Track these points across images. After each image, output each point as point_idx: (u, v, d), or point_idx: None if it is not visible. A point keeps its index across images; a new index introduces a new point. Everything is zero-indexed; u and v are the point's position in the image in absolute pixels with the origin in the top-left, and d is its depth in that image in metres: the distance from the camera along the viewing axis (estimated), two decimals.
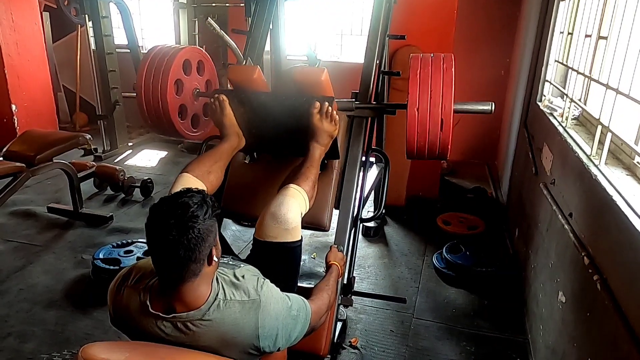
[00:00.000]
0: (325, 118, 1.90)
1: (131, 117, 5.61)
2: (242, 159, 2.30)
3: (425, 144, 1.89)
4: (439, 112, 1.82)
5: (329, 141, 1.96)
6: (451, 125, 1.83)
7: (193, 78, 2.36)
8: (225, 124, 2.04)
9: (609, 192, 1.47)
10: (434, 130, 1.84)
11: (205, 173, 1.83)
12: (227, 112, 2.03)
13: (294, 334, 1.37)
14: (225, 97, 2.03)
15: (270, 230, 1.64)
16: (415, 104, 1.84)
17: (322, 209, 2.10)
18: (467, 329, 2.47)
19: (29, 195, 3.97)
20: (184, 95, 2.30)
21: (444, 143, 1.88)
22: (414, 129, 1.86)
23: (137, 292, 1.28)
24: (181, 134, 2.35)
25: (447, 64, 1.86)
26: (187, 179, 1.76)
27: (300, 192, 1.74)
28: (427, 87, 1.83)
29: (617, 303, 1.33)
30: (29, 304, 2.58)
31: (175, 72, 2.21)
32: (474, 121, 4.89)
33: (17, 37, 4.94)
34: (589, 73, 2.14)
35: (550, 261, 2.09)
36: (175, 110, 2.25)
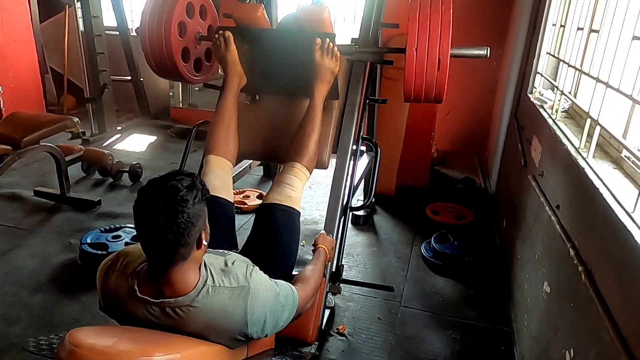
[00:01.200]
0: (327, 54, 1.98)
1: (120, 101, 5.54)
2: (244, 100, 2.32)
3: (422, 85, 1.93)
4: (437, 52, 1.86)
5: (330, 78, 2.04)
6: (448, 65, 1.87)
7: (196, 22, 2.37)
8: (229, 61, 2.13)
9: (596, 184, 1.49)
10: (431, 71, 1.89)
11: (225, 145, 2.01)
12: (232, 48, 2.11)
13: (281, 320, 1.38)
14: (230, 33, 2.09)
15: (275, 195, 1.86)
16: (414, 43, 1.87)
17: (322, 147, 2.16)
18: (454, 317, 2.50)
19: (15, 179, 3.91)
20: (186, 38, 2.31)
21: (440, 84, 1.92)
22: (412, 69, 1.90)
23: (125, 277, 1.28)
24: (184, 76, 2.37)
25: (445, 6, 1.90)
26: (214, 160, 1.97)
27: (304, 172, 1.94)
28: (425, 28, 1.87)
29: (600, 294, 1.35)
30: (15, 287, 2.56)
31: (178, 13, 2.22)
32: (465, 112, 4.92)
33: (2, 17, 4.83)
34: (580, 66, 2.15)
35: (537, 252, 2.12)
36: (178, 52, 2.27)
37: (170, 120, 5.65)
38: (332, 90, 2.11)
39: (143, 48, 2.27)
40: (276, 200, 1.84)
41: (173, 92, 5.64)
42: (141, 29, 2.24)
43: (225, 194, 1.90)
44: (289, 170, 1.93)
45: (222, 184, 1.92)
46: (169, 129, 5.38)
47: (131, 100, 5.63)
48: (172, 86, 5.61)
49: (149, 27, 2.21)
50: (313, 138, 1.98)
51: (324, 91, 2.05)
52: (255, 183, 4.14)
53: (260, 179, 4.22)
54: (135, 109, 5.76)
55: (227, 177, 1.98)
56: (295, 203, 1.87)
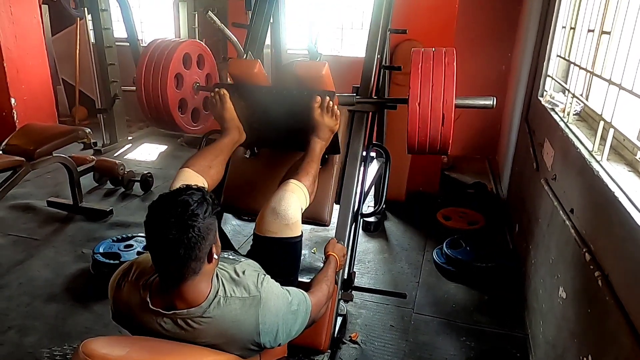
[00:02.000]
0: (326, 112, 1.89)
1: (131, 111, 5.59)
2: (243, 154, 2.29)
3: (426, 139, 1.88)
4: (441, 106, 1.81)
5: (329, 136, 1.95)
6: (452, 120, 1.82)
7: (193, 72, 2.34)
8: (225, 118, 2.03)
9: (611, 188, 1.47)
10: (435, 125, 1.83)
11: (206, 168, 1.81)
12: (228, 106, 2.02)
13: (294, 328, 1.37)
14: (225, 91, 2.02)
15: (270, 225, 1.64)
16: (416, 98, 1.83)
17: (323, 204, 2.10)
18: (467, 324, 2.47)
19: (29, 189, 3.96)
20: (184, 90, 2.29)
21: (445, 138, 1.87)
22: (415, 123, 1.85)
23: (137, 288, 1.27)
24: (181, 128, 2.34)
25: (449, 59, 1.85)
26: (187, 173, 1.75)
27: (301, 187, 1.74)
28: (428, 82, 1.82)
29: (618, 299, 1.33)
30: (29, 297, 2.58)
31: (175, 66, 2.19)
32: (474, 116, 4.88)
33: (16, 30, 4.91)
34: (592, 68, 2.13)
35: (551, 257, 2.09)
36: (175, 104, 2.24)
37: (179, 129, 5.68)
38: (332, 145, 2.03)
39: (139, 101, 2.23)
40: (272, 233, 1.64)
41: None
42: (137, 81, 2.21)
43: None
44: (284, 187, 1.73)
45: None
46: (179, 138, 5.42)
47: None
48: None
49: (145, 80, 2.18)
50: (312, 167, 1.84)
51: (323, 147, 1.96)
52: None
53: None
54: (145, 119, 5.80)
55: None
56: (295, 229, 1.67)
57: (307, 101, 1.90)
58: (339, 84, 2.20)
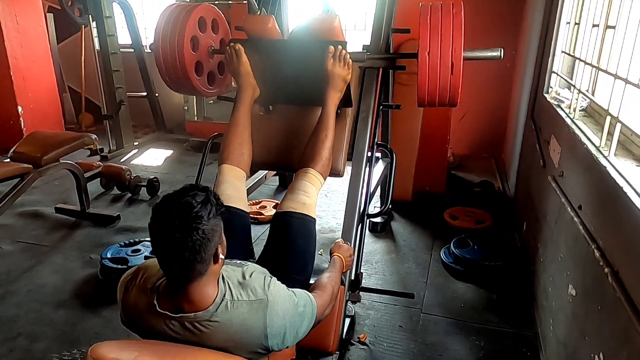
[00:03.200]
0: (339, 62, 1.98)
1: (136, 117, 5.63)
2: (258, 111, 2.33)
3: (436, 89, 1.92)
4: (450, 56, 1.84)
5: (343, 86, 2.04)
6: (461, 69, 1.85)
7: (208, 35, 2.40)
8: (241, 73, 2.13)
9: (619, 183, 1.45)
10: (444, 74, 1.87)
11: (239, 155, 2.00)
12: (244, 60, 2.12)
13: (301, 330, 1.37)
14: (241, 46, 2.11)
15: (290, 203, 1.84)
16: (426, 48, 1.86)
17: (337, 155, 2.16)
18: (477, 323, 2.46)
19: (37, 196, 3.99)
20: (199, 52, 2.35)
21: (454, 87, 1.90)
22: (425, 73, 1.88)
23: (144, 292, 1.28)
24: (198, 90, 2.40)
25: (457, 9, 1.89)
26: (228, 169, 1.96)
27: (318, 177, 1.92)
28: (437, 31, 1.86)
29: (629, 295, 1.31)
30: (38, 304, 2.59)
31: (191, 28, 2.25)
32: (480, 114, 4.87)
33: (21, 39, 4.96)
34: (597, 63, 2.11)
35: (560, 254, 2.07)
36: (192, 66, 2.30)
37: (185, 134, 5.72)
38: (345, 98, 2.11)
39: (157, 64, 2.31)
40: (290, 208, 1.82)
41: (188, 107, 5.72)
42: (154, 45, 2.28)
43: (240, 203, 1.89)
44: (303, 177, 1.91)
45: (236, 193, 1.91)
46: (184, 143, 5.44)
47: (147, 116, 5.72)
48: (186, 100, 5.68)
49: (162, 43, 2.25)
50: (326, 145, 1.97)
51: (337, 99, 2.05)
52: (271, 193, 4.15)
53: (276, 189, 4.23)
54: (151, 124, 5.85)
55: (241, 186, 1.98)
56: (310, 210, 1.85)
57: (320, 52, 1.98)
58: None
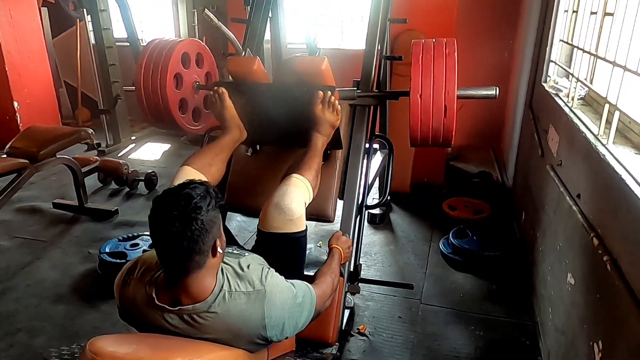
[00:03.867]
0: (327, 108, 1.88)
1: (133, 111, 5.58)
2: (245, 152, 2.28)
3: (429, 131, 1.85)
4: (442, 98, 1.78)
5: (331, 131, 1.94)
6: (455, 111, 1.79)
7: (192, 71, 2.33)
8: (225, 117, 2.02)
9: (618, 171, 1.45)
10: (437, 117, 1.81)
11: (207, 165, 1.82)
12: (227, 104, 2.01)
13: (300, 321, 1.37)
14: (224, 90, 2.01)
15: (274, 221, 1.63)
16: (417, 90, 1.80)
17: (326, 199, 2.09)
18: (476, 313, 2.46)
19: (34, 192, 3.97)
20: (183, 89, 2.27)
21: (448, 130, 1.84)
22: (417, 116, 1.82)
23: (143, 285, 1.27)
24: (182, 128, 2.33)
25: (450, 49, 1.82)
26: (187, 171, 1.76)
27: (303, 182, 1.73)
28: (429, 73, 1.79)
29: (627, 283, 1.31)
30: (37, 299, 2.59)
31: (174, 65, 2.18)
32: (478, 105, 4.82)
33: (16, 34, 4.91)
34: (595, 51, 2.10)
35: (558, 243, 2.07)
36: (175, 104, 2.23)
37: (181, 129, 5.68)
38: (334, 141, 2.02)
39: (139, 102, 2.22)
40: (277, 229, 1.64)
41: None
42: (136, 82, 2.19)
43: None
44: (286, 182, 1.72)
45: None
46: (182, 137, 5.42)
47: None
48: None
49: (144, 82, 2.17)
50: (315, 161, 1.84)
51: (325, 142, 1.95)
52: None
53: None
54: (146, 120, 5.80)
55: None
56: (299, 224, 1.66)
57: (308, 97, 1.89)
58: (341, 77, 2.18)
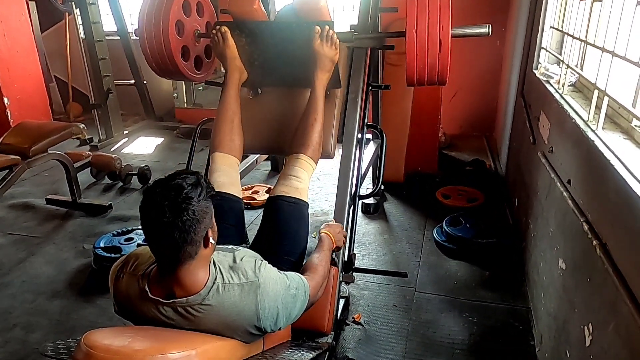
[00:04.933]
0: (326, 42, 1.95)
1: (125, 105, 5.57)
2: (246, 95, 2.32)
3: (424, 67, 1.89)
4: (437, 33, 1.81)
5: (330, 67, 2.01)
6: (449, 46, 1.83)
7: (193, 19, 2.35)
8: (227, 56, 2.11)
9: (607, 156, 1.46)
10: (433, 52, 1.85)
11: (230, 142, 1.99)
12: (230, 43, 2.09)
13: (294, 312, 1.38)
14: (227, 28, 2.07)
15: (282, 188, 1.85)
16: (413, 26, 1.83)
17: (327, 137, 2.15)
18: (469, 300, 2.49)
19: (27, 188, 3.96)
20: (185, 37, 2.30)
21: (443, 65, 1.88)
22: (414, 51, 1.85)
23: (135, 279, 1.28)
24: (185, 75, 2.35)
25: None
26: (221, 157, 1.96)
27: (309, 162, 1.91)
28: (424, 9, 1.83)
29: (616, 267, 1.33)
30: (32, 295, 2.59)
31: (175, 13, 2.20)
32: (471, 94, 4.86)
33: (4, 29, 4.86)
34: (585, 37, 2.10)
35: (550, 229, 2.09)
36: (178, 51, 2.25)
37: (175, 121, 5.68)
38: (334, 79, 2.09)
39: (142, 50, 2.26)
40: (283, 192, 1.83)
41: (177, 93, 5.66)
42: (139, 31, 2.23)
43: (233, 189, 1.89)
44: (294, 162, 1.91)
45: (229, 180, 1.91)
46: (175, 130, 5.40)
47: (136, 104, 5.66)
48: (175, 87, 5.62)
49: (147, 29, 2.20)
50: (316, 128, 1.96)
51: (325, 80, 2.03)
52: (263, 178, 4.14)
53: (268, 174, 4.22)
54: (140, 112, 5.79)
55: (234, 173, 1.97)
56: (303, 194, 1.85)
57: (307, 32, 1.95)
58: None
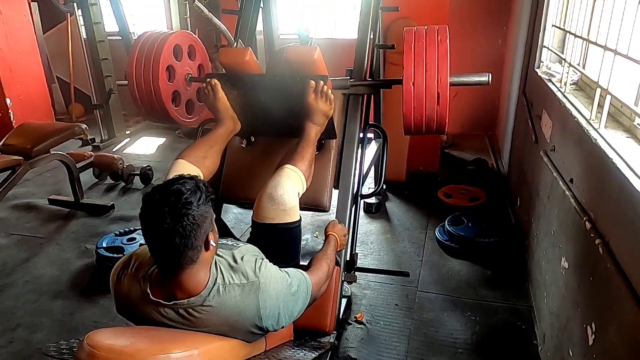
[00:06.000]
0: (320, 97, 1.86)
1: (127, 105, 5.55)
2: (239, 143, 2.28)
3: (422, 119, 1.86)
4: (435, 85, 1.77)
5: (324, 121, 1.93)
6: (448, 98, 1.79)
7: (185, 63, 2.32)
8: (218, 109, 2.01)
9: (609, 155, 1.45)
10: (430, 105, 1.81)
11: (201, 158, 1.80)
12: (220, 96, 1.99)
13: (296, 309, 1.38)
14: (217, 81, 1.99)
15: (267, 212, 1.63)
16: (410, 78, 1.80)
17: (322, 189, 2.09)
18: (472, 299, 2.48)
19: (30, 188, 3.97)
20: (176, 82, 2.27)
21: (441, 117, 1.84)
22: (410, 104, 1.82)
23: (137, 280, 1.28)
24: (176, 120, 2.33)
25: (442, 36, 1.81)
26: (182, 165, 1.74)
27: (296, 172, 1.73)
28: (422, 61, 1.79)
29: (619, 265, 1.32)
30: (35, 295, 2.60)
31: (165, 58, 2.16)
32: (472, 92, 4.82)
33: (6, 30, 4.87)
34: (587, 36, 2.10)
35: (552, 228, 2.08)
36: (168, 97, 2.22)
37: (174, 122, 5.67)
38: (328, 130, 2.01)
39: (132, 96, 2.21)
40: (270, 220, 1.63)
41: None
42: (128, 77, 2.19)
43: None
44: (280, 173, 1.72)
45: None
46: (177, 130, 5.40)
47: None
48: None
49: (137, 75, 2.16)
50: (307, 151, 1.82)
51: (318, 131, 1.94)
52: None
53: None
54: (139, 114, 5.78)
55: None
56: (293, 214, 1.66)
57: (300, 87, 1.88)
58: (335, 67, 2.16)
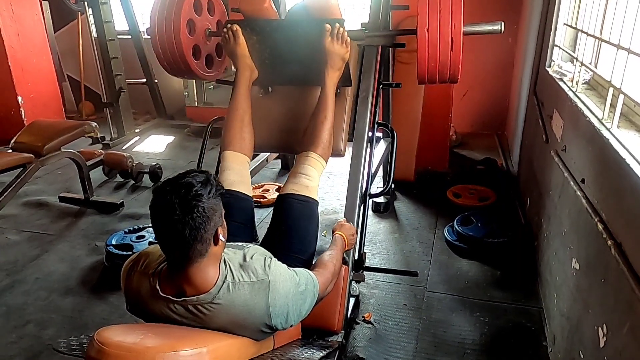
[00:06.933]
0: (337, 40, 1.95)
1: (137, 104, 5.61)
2: (257, 93, 2.33)
3: (436, 66, 1.89)
4: (449, 31, 1.82)
5: (341, 64, 2.01)
6: (461, 45, 1.83)
7: (204, 18, 2.38)
8: (238, 54, 2.11)
9: (622, 155, 1.43)
10: (444, 50, 1.85)
11: (241, 140, 2.00)
12: (240, 41, 2.09)
13: (304, 308, 1.38)
14: (238, 27, 2.08)
15: (292, 186, 1.85)
16: (424, 24, 1.84)
17: (337, 136, 2.16)
18: (481, 299, 2.47)
19: (40, 186, 4.00)
20: (196, 36, 2.33)
21: (454, 63, 1.88)
22: (425, 50, 1.86)
23: (146, 277, 1.29)
24: (197, 74, 2.39)
25: None
26: (231, 156, 1.96)
27: (319, 160, 1.92)
28: (436, 7, 1.83)
29: (632, 267, 1.31)
30: (46, 292, 2.62)
31: (186, 12, 2.23)
32: (482, 92, 4.82)
33: (18, 29, 4.92)
34: (599, 34, 2.07)
35: (563, 229, 2.06)
36: (189, 50, 2.28)
37: (186, 119, 5.71)
38: (344, 77, 2.09)
39: (154, 49, 2.29)
40: (293, 190, 1.83)
41: (188, 92, 5.68)
42: (151, 30, 2.26)
43: (244, 188, 1.90)
44: (304, 160, 1.91)
45: (239, 178, 1.91)
46: (185, 128, 5.43)
47: (147, 103, 5.70)
48: (186, 86, 5.65)
49: (159, 28, 2.23)
50: (326, 126, 1.95)
51: (336, 78, 2.02)
52: (273, 177, 4.14)
53: (279, 172, 4.22)
54: (151, 111, 5.83)
55: (244, 171, 1.98)
56: (313, 192, 1.85)
57: (318, 31, 1.95)
58: None
